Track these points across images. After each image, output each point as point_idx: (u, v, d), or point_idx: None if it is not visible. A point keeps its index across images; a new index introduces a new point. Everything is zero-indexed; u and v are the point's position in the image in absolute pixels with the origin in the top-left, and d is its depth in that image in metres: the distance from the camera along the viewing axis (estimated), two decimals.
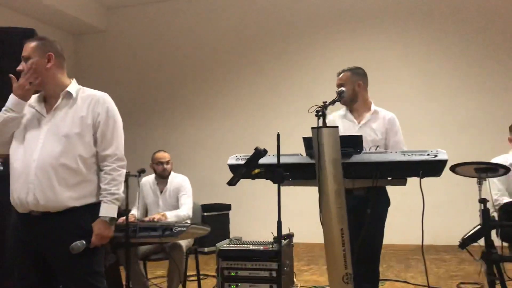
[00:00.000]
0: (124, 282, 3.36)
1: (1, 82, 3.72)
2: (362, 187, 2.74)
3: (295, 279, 4.41)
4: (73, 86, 2.28)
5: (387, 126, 3.01)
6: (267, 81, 7.42)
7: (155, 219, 3.49)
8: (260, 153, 2.40)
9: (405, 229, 5.36)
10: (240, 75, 7.56)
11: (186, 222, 3.57)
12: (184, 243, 3.65)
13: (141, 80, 7.77)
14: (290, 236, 3.52)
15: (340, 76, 3.05)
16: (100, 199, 2.21)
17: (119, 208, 2.29)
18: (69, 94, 2.25)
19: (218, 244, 3.65)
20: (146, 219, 3.64)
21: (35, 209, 2.14)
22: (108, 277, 3.33)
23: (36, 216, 2.15)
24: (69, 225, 2.14)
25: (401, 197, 3.01)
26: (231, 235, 6.31)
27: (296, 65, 7.31)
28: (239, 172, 2.43)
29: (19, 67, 2.23)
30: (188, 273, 3.90)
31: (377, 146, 2.94)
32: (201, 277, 3.99)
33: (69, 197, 2.13)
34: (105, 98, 2.29)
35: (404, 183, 2.60)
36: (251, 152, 3.01)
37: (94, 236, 2.15)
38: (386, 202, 3.00)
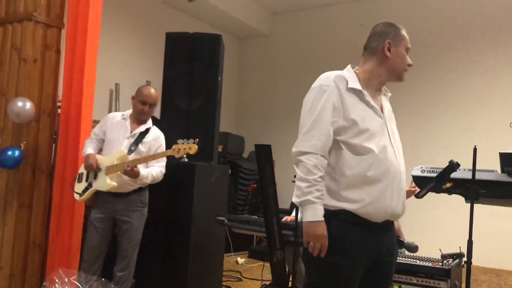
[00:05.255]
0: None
1: (192, 83, 4.13)
2: None
3: None
4: None
5: None
6: (437, 89, 7.00)
7: None
8: (453, 166, 2.28)
9: None
10: (409, 83, 7.18)
11: None
12: None
13: (301, 84, 7.93)
14: (460, 255, 3.30)
15: None
16: None
17: None
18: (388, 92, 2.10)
19: None
20: None
21: (394, 219, 1.94)
22: (274, 272, 3.50)
23: (381, 226, 1.88)
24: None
25: None
26: None
27: (473, 72, 6.76)
28: (429, 185, 2.34)
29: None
30: None
31: None
32: None
33: None
34: None
35: None
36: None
37: None
38: None
